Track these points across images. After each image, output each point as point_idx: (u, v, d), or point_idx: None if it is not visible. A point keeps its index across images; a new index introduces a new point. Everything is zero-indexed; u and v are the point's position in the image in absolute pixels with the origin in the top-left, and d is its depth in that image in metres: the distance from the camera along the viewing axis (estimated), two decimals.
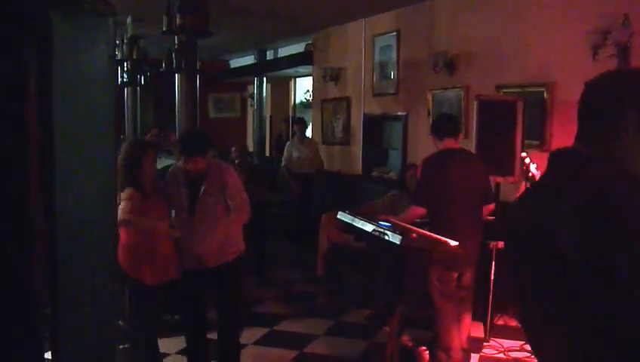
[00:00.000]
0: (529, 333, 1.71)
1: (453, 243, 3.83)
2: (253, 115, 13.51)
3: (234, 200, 4.38)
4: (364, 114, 8.68)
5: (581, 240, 1.40)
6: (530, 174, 4.95)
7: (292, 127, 11.33)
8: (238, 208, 4.42)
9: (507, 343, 5.18)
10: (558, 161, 1.64)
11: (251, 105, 14.21)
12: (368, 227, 4.12)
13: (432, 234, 3.93)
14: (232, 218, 4.41)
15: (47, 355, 1.24)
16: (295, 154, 9.25)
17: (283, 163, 9.31)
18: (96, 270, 0.83)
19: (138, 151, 4.27)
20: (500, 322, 5.46)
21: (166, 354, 4.91)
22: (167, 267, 4.29)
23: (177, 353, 4.89)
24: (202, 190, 4.31)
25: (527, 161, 4.99)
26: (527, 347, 5.03)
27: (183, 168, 4.38)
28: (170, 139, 8.20)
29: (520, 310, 1.79)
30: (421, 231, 3.95)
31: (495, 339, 5.24)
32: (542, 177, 1.75)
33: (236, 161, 7.09)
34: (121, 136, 11.93)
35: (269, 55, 12.88)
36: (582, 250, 1.40)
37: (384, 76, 8.13)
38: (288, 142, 9.72)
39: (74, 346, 0.93)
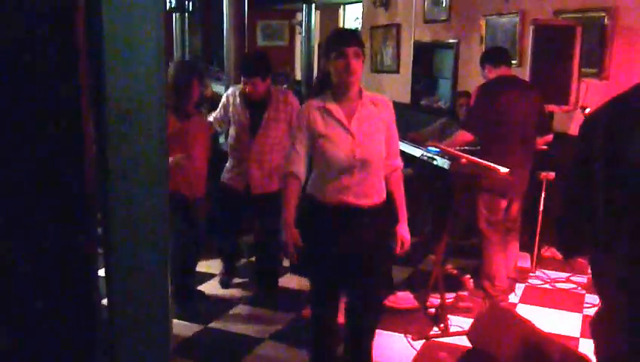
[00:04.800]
0: None
1: (504, 170, 3.76)
2: (302, 43, 13.34)
3: None
4: (414, 41, 8.46)
5: None
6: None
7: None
8: None
9: (554, 274, 5.13)
10: None
11: (300, 33, 14.02)
12: (416, 152, 4.08)
13: (481, 160, 3.87)
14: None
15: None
16: None
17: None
18: (146, 149, 0.82)
19: (185, 74, 4.17)
20: (547, 254, 5.39)
21: (212, 275, 5.03)
22: (197, 183, 4.23)
23: (223, 274, 4.99)
24: (266, 115, 4.28)
25: None
26: (574, 279, 4.98)
27: (242, 90, 4.33)
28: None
29: None
30: (470, 157, 3.88)
31: (542, 270, 5.19)
32: None
33: (284, 87, 7.06)
34: (169, 63, 11.99)
35: None
36: None
37: (435, 2, 7.87)
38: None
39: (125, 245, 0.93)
